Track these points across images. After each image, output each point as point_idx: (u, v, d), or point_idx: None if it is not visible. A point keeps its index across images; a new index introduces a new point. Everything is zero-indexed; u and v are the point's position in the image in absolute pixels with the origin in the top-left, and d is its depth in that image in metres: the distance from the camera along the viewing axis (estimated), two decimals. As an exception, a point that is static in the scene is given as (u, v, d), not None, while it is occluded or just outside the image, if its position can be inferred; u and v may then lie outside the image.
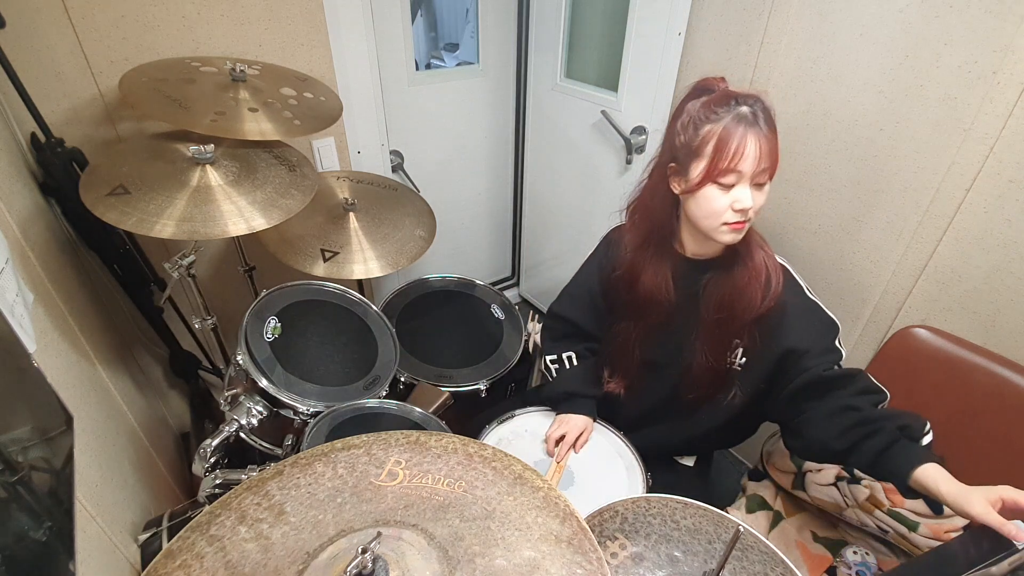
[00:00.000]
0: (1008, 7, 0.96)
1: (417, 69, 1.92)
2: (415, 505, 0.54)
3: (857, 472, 1.17)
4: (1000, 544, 0.68)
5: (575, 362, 1.21)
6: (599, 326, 1.19)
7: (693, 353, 1.04)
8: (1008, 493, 0.73)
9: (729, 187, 0.87)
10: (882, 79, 1.15)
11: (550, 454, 1.10)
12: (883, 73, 1.15)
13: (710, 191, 0.88)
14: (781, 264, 1.00)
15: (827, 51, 1.22)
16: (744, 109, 0.85)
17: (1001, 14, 0.97)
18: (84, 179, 1.01)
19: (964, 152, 1.08)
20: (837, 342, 0.98)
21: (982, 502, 0.72)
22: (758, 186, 0.88)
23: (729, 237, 0.91)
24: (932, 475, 0.78)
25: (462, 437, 0.64)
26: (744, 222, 0.89)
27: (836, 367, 0.95)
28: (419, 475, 0.57)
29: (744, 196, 0.87)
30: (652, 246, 1.03)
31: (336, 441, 0.63)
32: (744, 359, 1.01)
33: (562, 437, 1.11)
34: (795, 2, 1.24)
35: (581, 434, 1.12)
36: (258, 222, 1.05)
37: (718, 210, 0.88)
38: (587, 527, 0.54)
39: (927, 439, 0.85)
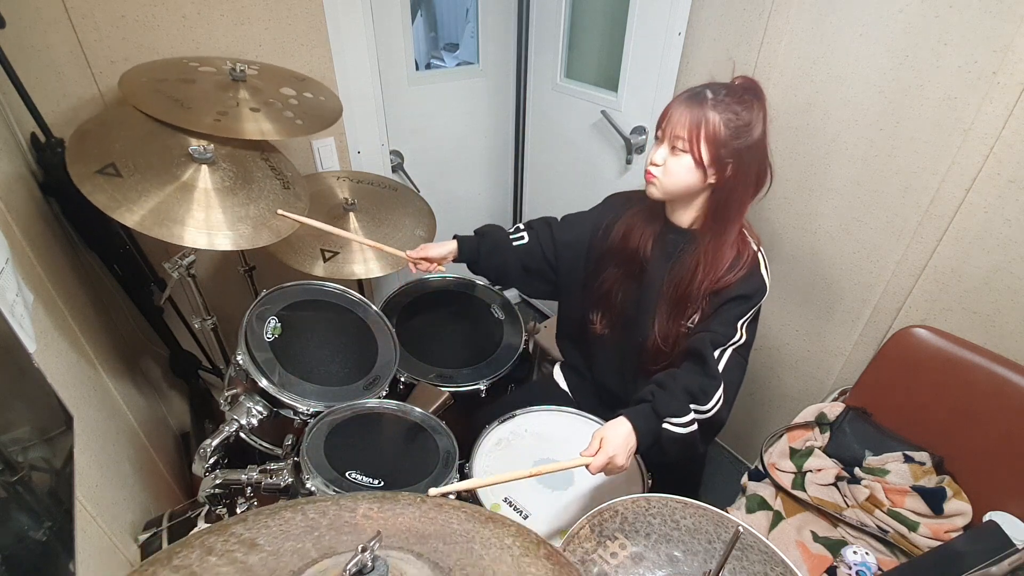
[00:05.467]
0: (1008, 7, 0.96)
1: (417, 69, 1.92)
2: (397, 534, 0.53)
3: (857, 472, 1.18)
4: (1000, 544, 0.68)
5: (524, 240, 1.26)
6: (556, 256, 1.25)
7: (656, 313, 1.11)
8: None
9: (658, 141, 1.01)
10: (882, 79, 1.15)
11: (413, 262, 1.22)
12: (883, 73, 1.15)
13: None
14: (755, 252, 1.04)
15: (827, 51, 1.22)
16: (704, 90, 0.96)
17: (1001, 14, 0.98)
18: (72, 146, 0.97)
19: (964, 152, 1.08)
20: (740, 323, 1.03)
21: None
22: (673, 150, 0.98)
23: (646, 185, 1.04)
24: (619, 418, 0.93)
25: (425, 495, 0.62)
26: (652, 176, 1.02)
27: (711, 344, 1.02)
28: (393, 517, 0.56)
29: (657, 151, 1.01)
30: (648, 206, 1.13)
31: (300, 499, 0.59)
32: (696, 323, 1.09)
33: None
34: (795, 2, 1.23)
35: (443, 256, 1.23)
36: (237, 239, 1.03)
37: (648, 159, 1.03)
38: (559, 550, 0.54)
39: (671, 420, 0.94)
